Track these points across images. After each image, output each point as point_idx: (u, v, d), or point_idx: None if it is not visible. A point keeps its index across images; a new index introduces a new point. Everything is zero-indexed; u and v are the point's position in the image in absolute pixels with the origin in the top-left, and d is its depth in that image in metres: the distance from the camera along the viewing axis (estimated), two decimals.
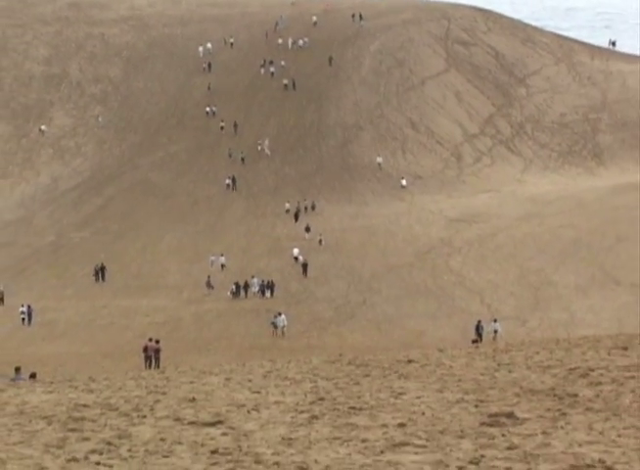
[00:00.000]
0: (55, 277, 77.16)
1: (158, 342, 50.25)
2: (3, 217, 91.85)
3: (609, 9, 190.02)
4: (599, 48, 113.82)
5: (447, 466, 7.51)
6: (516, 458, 7.63)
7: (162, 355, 49.40)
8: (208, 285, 71.20)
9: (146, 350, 49.88)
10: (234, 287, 69.96)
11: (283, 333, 58.35)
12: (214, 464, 8.02)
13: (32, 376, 32.34)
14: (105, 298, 71.37)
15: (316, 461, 7.89)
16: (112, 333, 61.27)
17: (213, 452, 8.42)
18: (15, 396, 13.26)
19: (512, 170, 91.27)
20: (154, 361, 48.42)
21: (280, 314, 59.44)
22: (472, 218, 78.44)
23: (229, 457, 8.22)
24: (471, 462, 7.60)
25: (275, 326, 59.12)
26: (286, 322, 59.24)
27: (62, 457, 8.64)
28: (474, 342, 42.44)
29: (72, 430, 9.90)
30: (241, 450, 8.45)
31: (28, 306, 66.71)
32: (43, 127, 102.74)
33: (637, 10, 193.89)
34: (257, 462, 7.98)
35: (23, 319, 66.21)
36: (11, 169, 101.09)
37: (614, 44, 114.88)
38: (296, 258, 74.61)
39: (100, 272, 76.44)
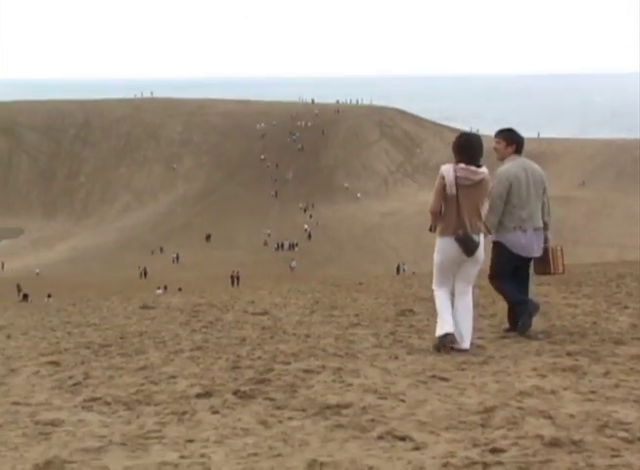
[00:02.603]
0: (185, 240, 77.45)
1: (238, 273, 50.80)
2: (160, 210, 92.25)
3: (458, 111, 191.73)
4: (457, 129, 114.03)
5: (379, 335, 7.49)
6: (412, 331, 7.62)
7: (240, 280, 49.85)
8: (266, 244, 72.28)
9: (231, 277, 50.38)
10: (276, 245, 70.61)
11: (293, 270, 58.94)
12: (263, 333, 8.02)
13: (179, 289, 32.64)
14: (210, 250, 71.65)
15: (314, 333, 7.88)
16: (213, 268, 61.52)
17: (263, 328, 8.42)
18: (165, 299, 13.27)
19: (412, 190, 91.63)
20: (235, 283, 48.75)
21: (293, 260, 60.27)
22: (392, 213, 78.73)
23: (270, 330, 8.21)
24: (390, 333, 7.58)
25: (290, 267, 59.80)
26: (296, 264, 59.92)
27: (188, 330, 8.65)
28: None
29: (193, 316, 9.92)
30: (277, 327, 8.45)
31: (177, 254, 67.48)
32: (174, 166, 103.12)
33: (478, 110, 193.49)
34: (284, 333, 7.97)
35: (173, 260, 66.95)
36: (162, 187, 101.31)
37: (477, 130, 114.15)
38: (305, 230, 75.52)
39: (208, 238, 76.97)
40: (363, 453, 4.00)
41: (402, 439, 4.19)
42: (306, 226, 76.47)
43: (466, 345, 6.33)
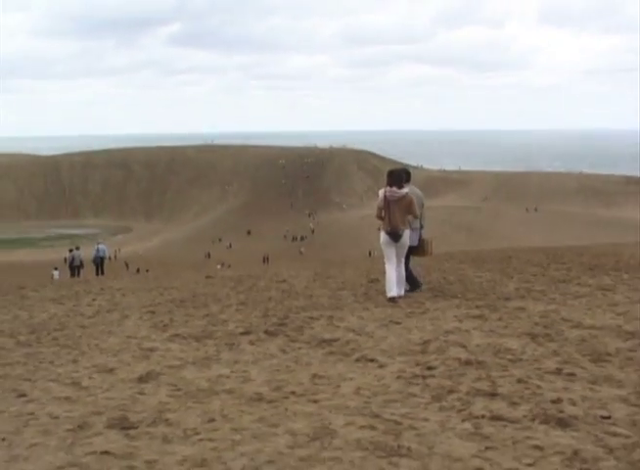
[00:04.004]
0: (234, 234, 76.69)
1: (267, 255, 50.08)
2: (218, 216, 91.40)
3: (411, 153, 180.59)
4: (408, 165, 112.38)
5: (357, 295, 7.47)
6: (378, 293, 7.58)
7: (269, 260, 49.26)
8: (285, 237, 71.29)
9: (263, 258, 49.73)
10: (291, 238, 69.89)
11: (302, 254, 58.11)
12: (283, 294, 7.98)
13: (229, 266, 32.03)
14: (250, 241, 71.08)
15: (315, 293, 7.86)
16: (252, 253, 61.00)
17: (282, 291, 8.37)
18: (221, 272, 13.20)
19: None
20: (266, 262, 48.23)
21: (301, 247, 59.36)
22: (366, 217, 78.00)
23: (287, 292, 8.18)
24: (364, 294, 7.56)
25: (300, 252, 58.93)
26: (304, 250, 59.01)
27: (235, 291, 8.59)
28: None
29: (238, 283, 9.85)
30: (291, 290, 8.41)
31: (230, 243, 66.76)
32: (227, 187, 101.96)
33: (422, 153, 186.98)
34: (296, 293, 7.94)
35: (227, 247, 66.19)
36: (219, 201, 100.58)
37: (421, 166, 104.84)
38: (310, 228, 74.80)
39: (248, 233, 76.34)
40: (346, 370, 4.08)
41: (371, 360, 4.26)
42: (311, 225, 76.58)
43: (402, 292, 6.84)
